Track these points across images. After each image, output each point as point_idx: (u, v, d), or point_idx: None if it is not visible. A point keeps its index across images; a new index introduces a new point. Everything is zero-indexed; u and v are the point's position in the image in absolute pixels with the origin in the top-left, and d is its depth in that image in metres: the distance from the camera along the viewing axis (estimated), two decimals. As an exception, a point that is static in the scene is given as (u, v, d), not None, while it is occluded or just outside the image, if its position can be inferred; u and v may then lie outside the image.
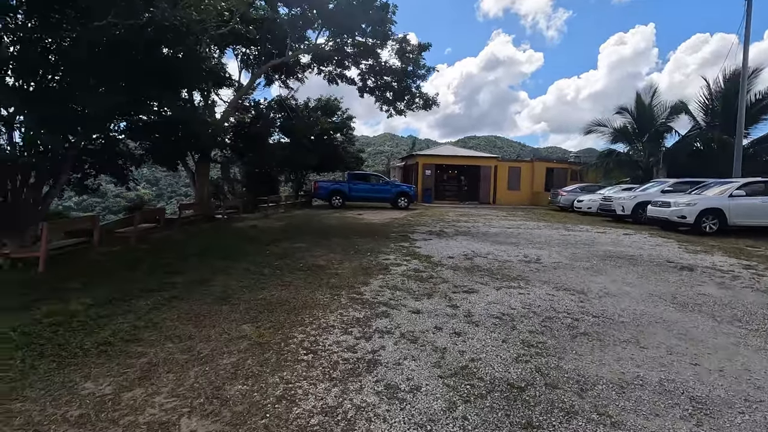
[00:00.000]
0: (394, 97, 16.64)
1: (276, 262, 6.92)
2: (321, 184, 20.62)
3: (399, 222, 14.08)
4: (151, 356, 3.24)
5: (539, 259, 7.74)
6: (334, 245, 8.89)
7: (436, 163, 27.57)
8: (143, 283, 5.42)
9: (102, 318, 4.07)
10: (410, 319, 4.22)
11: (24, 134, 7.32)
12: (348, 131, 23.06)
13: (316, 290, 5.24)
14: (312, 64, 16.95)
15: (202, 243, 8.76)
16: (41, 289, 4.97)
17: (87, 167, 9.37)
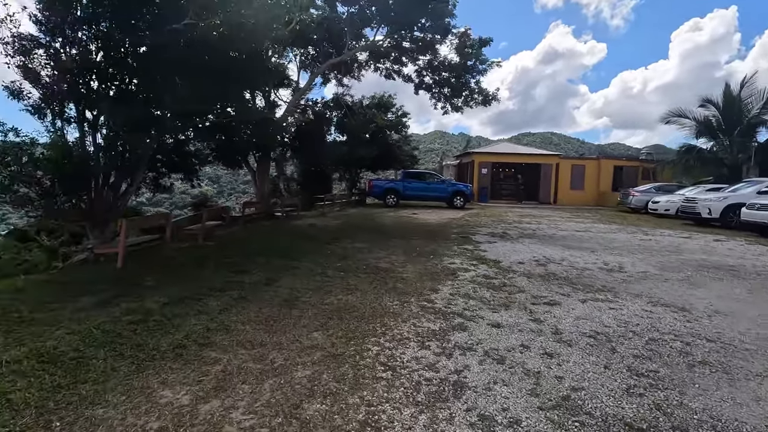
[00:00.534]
0: (452, 94, 16.10)
1: (338, 263, 6.77)
2: (375, 183, 20.52)
3: (457, 222, 13.57)
4: (225, 363, 3.12)
5: (622, 268, 6.99)
6: (394, 246, 8.62)
7: (493, 161, 26.55)
8: (212, 281, 5.46)
9: (176, 317, 4.06)
10: (491, 334, 3.82)
11: (105, 136, 7.74)
12: (403, 129, 22.76)
13: (383, 296, 4.98)
14: (369, 61, 16.83)
15: (264, 241, 8.85)
16: (120, 285, 5.13)
17: (160, 166, 9.83)
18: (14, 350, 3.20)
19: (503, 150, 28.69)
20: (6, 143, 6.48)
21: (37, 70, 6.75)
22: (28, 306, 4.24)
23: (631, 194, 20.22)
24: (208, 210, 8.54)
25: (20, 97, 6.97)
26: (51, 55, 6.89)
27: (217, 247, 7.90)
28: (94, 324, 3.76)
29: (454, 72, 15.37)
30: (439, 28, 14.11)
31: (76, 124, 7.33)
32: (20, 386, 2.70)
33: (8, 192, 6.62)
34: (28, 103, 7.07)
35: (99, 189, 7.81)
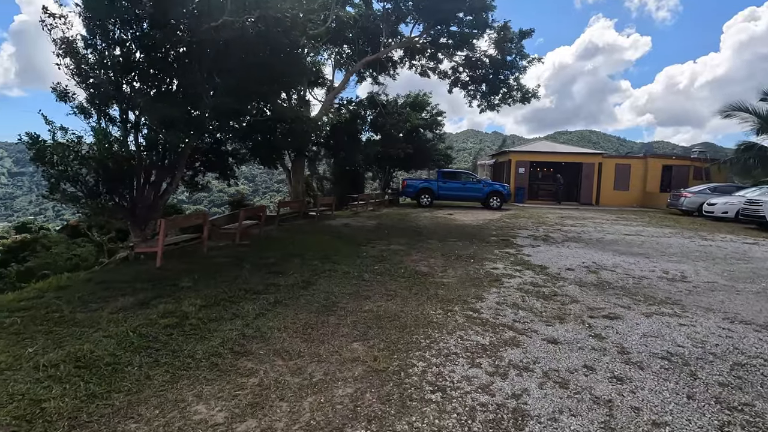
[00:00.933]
0: (489, 91, 15.54)
1: (375, 266, 6.52)
2: (409, 182, 20.20)
3: (495, 224, 13.05)
4: (261, 376, 2.93)
5: (685, 277, 6.36)
6: (432, 249, 8.30)
7: (531, 159, 25.59)
8: (248, 283, 5.34)
9: (212, 322, 3.93)
10: (548, 352, 3.45)
11: (146, 135, 7.85)
12: (437, 128, 22.31)
13: (425, 303, 4.69)
14: (404, 58, 16.53)
15: (299, 241, 8.74)
16: (157, 285, 5.10)
17: (198, 165, 9.94)
18: (53, 353, 3.14)
19: (542, 149, 27.62)
20: (53, 143, 6.65)
21: (86, 71, 6.89)
22: (70, 305, 4.24)
23: (683, 195, 18.88)
24: (245, 209, 8.52)
25: (67, 99, 7.15)
26: (97, 56, 7.03)
27: (253, 247, 7.85)
28: (131, 327, 3.68)
29: (492, 68, 14.82)
30: (478, 23, 13.62)
31: (120, 123, 7.46)
32: (55, 394, 2.60)
33: (56, 191, 6.81)
34: (74, 105, 7.27)
35: (140, 187, 7.94)
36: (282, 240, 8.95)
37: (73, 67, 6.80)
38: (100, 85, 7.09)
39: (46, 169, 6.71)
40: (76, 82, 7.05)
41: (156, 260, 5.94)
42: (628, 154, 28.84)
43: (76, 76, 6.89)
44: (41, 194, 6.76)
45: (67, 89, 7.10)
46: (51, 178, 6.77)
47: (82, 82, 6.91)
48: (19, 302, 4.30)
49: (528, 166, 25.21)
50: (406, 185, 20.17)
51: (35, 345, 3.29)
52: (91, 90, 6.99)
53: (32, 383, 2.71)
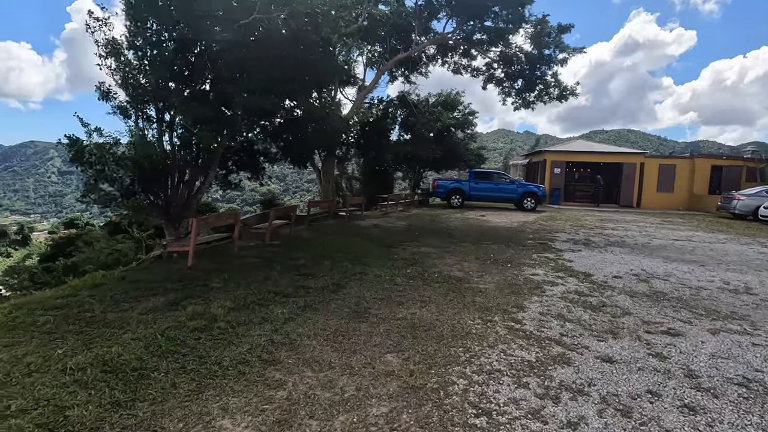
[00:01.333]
0: (525, 87, 14.95)
1: (408, 270, 6.27)
2: (440, 183, 19.80)
3: (531, 226, 12.52)
4: (290, 388, 2.74)
5: (749, 288, 5.76)
6: (466, 252, 7.96)
7: (568, 159, 24.59)
8: (278, 285, 5.21)
9: (240, 326, 3.80)
10: (604, 372, 3.09)
11: (181, 135, 7.92)
12: (469, 127, 21.79)
13: (462, 311, 4.40)
14: (436, 55, 16.18)
15: (329, 242, 8.61)
16: (188, 285, 5.04)
17: (230, 164, 10.01)
18: (81, 355, 3.07)
19: (579, 148, 26.51)
20: (93, 143, 6.78)
21: (126, 71, 7.00)
22: (102, 305, 4.22)
23: (736, 198, 17.57)
24: (275, 209, 8.47)
25: (108, 99, 7.31)
26: (138, 56, 7.14)
27: (283, 248, 7.77)
28: (160, 329, 3.59)
29: (528, 63, 14.24)
30: (514, 17, 13.11)
31: (156, 123, 7.56)
32: (80, 400, 2.51)
33: (94, 191, 6.96)
34: (114, 104, 7.42)
35: (174, 186, 8.02)
36: (312, 240, 8.84)
37: (115, 67, 6.93)
38: (138, 85, 7.20)
39: (84, 170, 6.87)
40: (116, 83, 7.19)
41: (188, 260, 5.91)
42: (672, 154, 27.26)
43: (116, 76, 7.01)
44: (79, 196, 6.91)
45: (109, 89, 7.24)
46: (89, 178, 6.93)
47: (123, 83, 7.03)
48: (55, 300, 4.33)
49: (564, 166, 24.24)
50: (437, 185, 19.79)
51: (65, 346, 3.24)
52: (130, 90, 7.10)
53: (58, 388, 2.63)
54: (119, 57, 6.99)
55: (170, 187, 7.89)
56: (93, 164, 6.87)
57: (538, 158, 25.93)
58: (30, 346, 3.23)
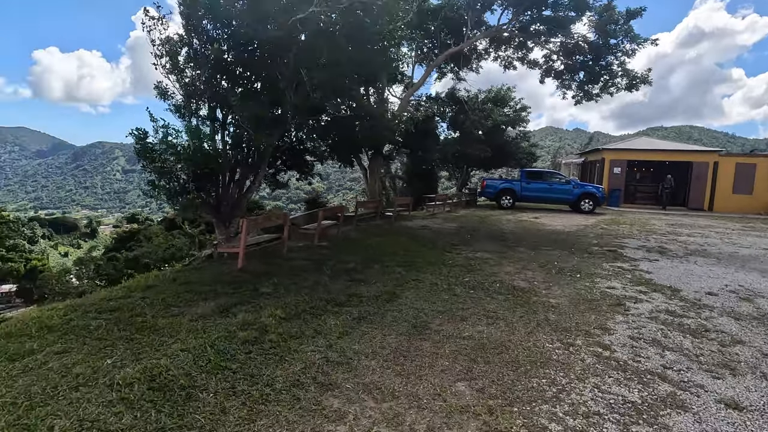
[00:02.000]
0: (588, 79, 13.85)
1: (466, 278, 5.78)
2: (489, 182, 18.96)
3: (592, 230, 11.55)
4: (351, 422, 2.38)
5: None
6: (526, 258, 7.33)
7: (629, 158, 22.82)
8: (329, 291, 4.91)
9: (293, 339, 3.51)
10: (734, 425, 2.48)
11: (233, 134, 7.88)
12: (521, 124, 20.74)
13: (536, 331, 3.87)
14: (488, 49, 15.42)
15: (378, 244, 8.27)
16: (238, 290, 4.85)
17: (279, 163, 9.93)
18: (130, 367, 2.88)
19: (641, 146, 24.56)
20: (159, 139, 6.84)
21: (181, 70, 7.02)
22: (153, 309, 4.09)
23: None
24: (324, 210, 8.25)
25: (166, 97, 7.38)
26: (192, 54, 7.13)
27: (333, 249, 7.51)
28: (210, 339, 3.37)
29: (591, 53, 13.16)
30: (576, 5, 12.14)
31: (209, 122, 7.55)
32: (125, 423, 2.28)
33: (155, 187, 7.03)
34: (172, 103, 7.49)
35: (225, 185, 8.00)
36: (361, 242, 8.54)
37: (170, 66, 6.95)
38: (192, 84, 7.21)
39: (145, 165, 6.95)
40: (171, 82, 7.23)
41: (238, 261, 5.77)
42: (753, 152, 24.59)
43: (171, 75, 7.04)
44: (141, 190, 7.00)
45: (166, 88, 7.31)
46: (154, 173, 7.00)
47: (177, 81, 7.05)
48: (108, 301, 4.26)
49: (625, 165, 22.52)
50: (486, 185, 18.97)
51: (114, 356, 3.08)
52: (184, 88, 7.11)
53: (104, 407, 2.43)
54: (174, 56, 7.00)
55: (221, 186, 7.88)
56: (154, 160, 6.95)
57: (595, 157, 24.30)
58: (80, 354, 3.10)
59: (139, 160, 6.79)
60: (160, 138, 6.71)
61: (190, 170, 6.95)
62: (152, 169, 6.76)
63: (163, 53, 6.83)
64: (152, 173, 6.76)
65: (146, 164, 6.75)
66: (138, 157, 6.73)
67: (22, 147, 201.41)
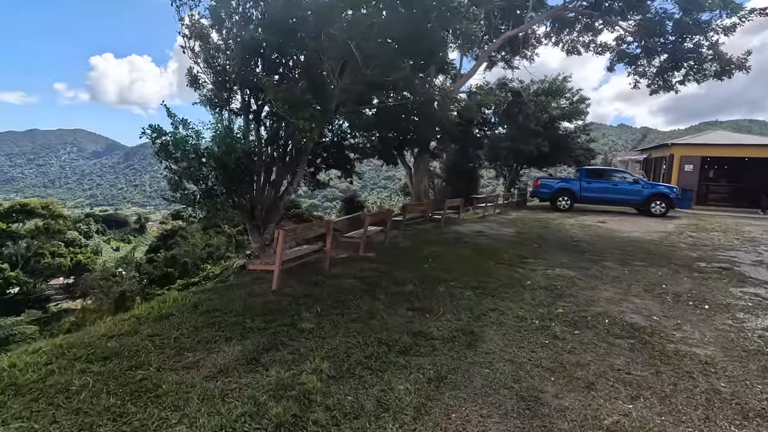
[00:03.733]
0: (670, 65, 11.94)
1: (557, 308, 4.47)
2: (544, 182, 17.21)
3: (677, 238, 9.80)
4: None
5: None
6: (620, 277, 5.90)
7: (704, 154, 20.29)
8: (387, 327, 3.76)
9: (348, 419, 2.37)
10: None
11: (269, 127, 6.91)
12: (579, 117, 18.78)
13: (712, 416, 2.53)
14: (550, 33, 13.77)
15: (434, 256, 7.05)
16: (272, 324, 3.78)
17: (319, 161, 8.93)
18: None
19: (718, 140, 21.86)
20: (175, 135, 5.96)
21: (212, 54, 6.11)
22: (161, 356, 3.08)
23: None
24: (370, 215, 7.12)
25: (197, 86, 6.50)
26: (222, 36, 6.22)
27: (382, 263, 6.36)
28: (229, 420, 2.29)
29: (675, 33, 11.27)
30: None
31: (242, 114, 6.62)
32: None
33: (178, 190, 6.16)
34: (202, 93, 6.61)
35: (261, 186, 7.06)
36: (413, 253, 7.35)
37: (199, 50, 6.05)
38: (223, 69, 6.29)
39: (168, 166, 6.10)
40: (202, 68, 6.34)
41: (272, 280, 4.74)
42: None
43: (200, 60, 6.15)
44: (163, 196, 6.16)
45: (197, 75, 6.42)
46: (173, 174, 6.14)
47: (207, 67, 6.15)
48: (108, 340, 3.31)
49: (698, 162, 20.04)
50: (540, 185, 17.23)
51: (86, 452, 2.05)
52: (215, 75, 6.21)
53: None
54: (204, 38, 6.09)
55: (255, 188, 6.94)
56: (178, 160, 6.09)
57: (662, 153, 21.89)
58: (42, 443, 2.10)
59: (159, 160, 5.93)
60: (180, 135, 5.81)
61: (220, 170, 6.02)
62: (175, 172, 5.90)
63: (193, 34, 5.92)
64: (175, 175, 5.89)
65: (169, 165, 5.89)
66: (157, 156, 5.87)
67: (79, 148, 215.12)
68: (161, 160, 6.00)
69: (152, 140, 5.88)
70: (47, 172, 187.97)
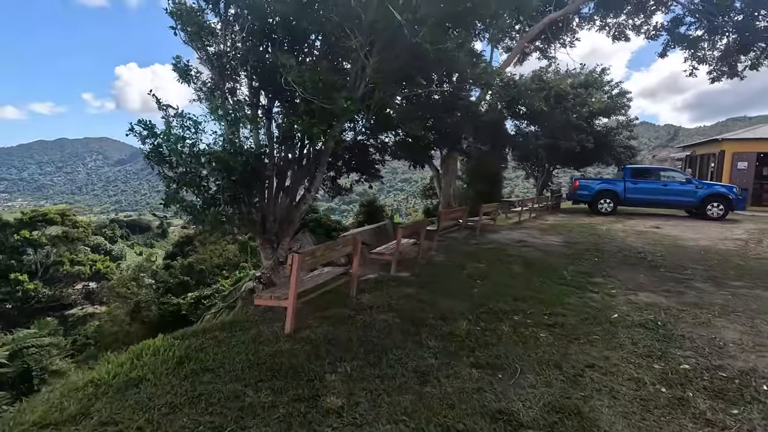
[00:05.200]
0: (739, 46, 10.39)
1: (680, 362, 3.18)
2: (583, 183, 15.70)
3: (761, 248, 8.30)
4: None
5: None
6: (726, 305, 4.58)
7: (759, 150, 18.38)
8: (450, 403, 2.57)
9: None
10: None
11: (281, 124, 5.82)
12: (621, 111, 17.20)
13: None
14: (594, 16, 12.35)
15: (483, 276, 5.82)
16: (283, 393, 2.64)
17: (340, 163, 7.81)
18: None
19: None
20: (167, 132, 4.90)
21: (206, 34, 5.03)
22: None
23: None
24: (403, 228, 5.92)
25: (188, 78, 5.39)
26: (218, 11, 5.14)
27: (421, 287, 5.16)
28: None
29: (749, 8, 9.73)
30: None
31: (249, 108, 5.54)
32: None
33: (174, 201, 5.09)
34: (197, 86, 5.53)
35: (272, 193, 5.97)
36: (454, 271, 6.14)
37: (192, 30, 4.96)
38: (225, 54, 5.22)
39: (161, 172, 5.06)
40: (198, 54, 5.28)
41: (285, 320, 3.60)
42: None
43: (195, 42, 5.08)
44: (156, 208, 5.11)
45: (188, 65, 5.36)
46: (170, 182, 5.08)
47: (202, 50, 5.08)
48: (57, 420, 2.22)
49: (754, 159, 18.17)
50: (579, 186, 15.73)
51: None
52: (214, 59, 5.14)
53: None
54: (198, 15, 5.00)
55: (267, 195, 5.86)
56: (173, 165, 5.04)
57: (709, 149, 20.05)
58: None
59: (150, 165, 4.89)
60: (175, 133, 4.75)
61: (224, 175, 4.95)
62: (170, 178, 4.85)
63: (182, 11, 4.83)
64: (171, 183, 4.84)
65: (162, 171, 4.85)
66: (148, 161, 4.83)
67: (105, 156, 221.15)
68: (152, 165, 4.96)
69: (142, 140, 4.85)
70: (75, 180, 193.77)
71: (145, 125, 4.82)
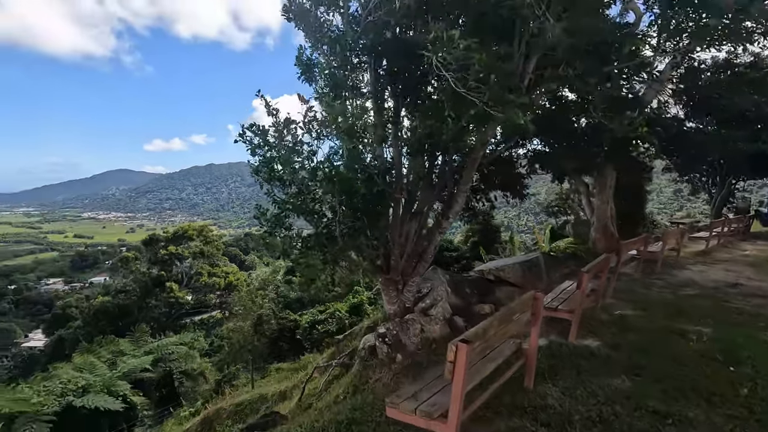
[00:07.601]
0: None
1: None
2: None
3: None
4: None
5: None
6: None
7: None
8: None
9: None
10: None
11: (411, 127, 4.50)
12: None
13: None
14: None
15: (725, 353, 3.62)
16: None
17: (478, 180, 6.23)
18: None
19: None
20: (284, 149, 3.93)
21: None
22: None
23: None
24: (586, 270, 3.99)
25: (312, 77, 4.40)
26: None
27: (639, 379, 3.22)
28: None
29: None
30: None
31: (374, 111, 4.35)
32: None
33: (280, 227, 4.08)
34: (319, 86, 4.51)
35: (398, 220, 4.64)
36: (668, 339, 4.01)
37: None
38: (347, 46, 4.12)
39: (270, 191, 4.10)
40: (322, 50, 4.28)
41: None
42: None
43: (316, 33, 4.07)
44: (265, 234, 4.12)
45: (311, 60, 4.35)
46: (277, 205, 4.09)
47: (319, 42, 4.04)
48: None
49: None
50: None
51: None
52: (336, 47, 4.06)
53: None
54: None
55: (390, 223, 4.54)
56: (287, 183, 4.05)
57: None
58: None
59: (259, 183, 3.95)
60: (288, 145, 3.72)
61: (341, 198, 3.76)
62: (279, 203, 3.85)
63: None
64: (278, 207, 3.83)
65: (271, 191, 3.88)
66: (256, 176, 3.90)
67: (242, 178, 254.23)
68: (261, 183, 4.02)
69: (252, 150, 3.94)
70: (219, 199, 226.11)
71: (257, 130, 3.92)
